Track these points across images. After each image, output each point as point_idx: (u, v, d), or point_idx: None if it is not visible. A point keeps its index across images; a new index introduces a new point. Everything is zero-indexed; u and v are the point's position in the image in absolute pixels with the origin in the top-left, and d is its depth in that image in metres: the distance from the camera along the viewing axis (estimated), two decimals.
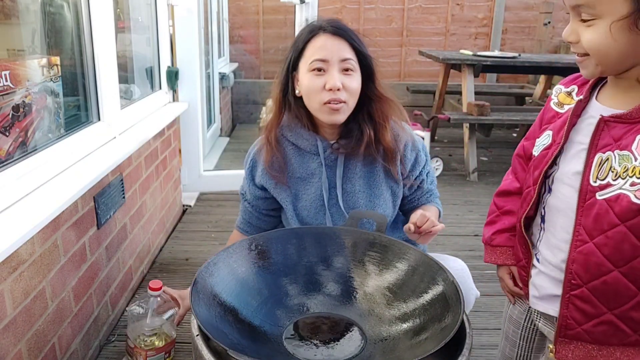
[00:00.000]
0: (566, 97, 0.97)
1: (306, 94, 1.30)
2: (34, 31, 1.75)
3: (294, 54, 1.33)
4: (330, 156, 1.36)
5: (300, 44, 1.31)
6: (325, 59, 1.26)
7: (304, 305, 1.03)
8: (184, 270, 2.38)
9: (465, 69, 4.05)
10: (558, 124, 0.95)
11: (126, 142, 2.05)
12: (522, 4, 5.88)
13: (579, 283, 0.90)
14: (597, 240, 0.86)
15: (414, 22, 5.89)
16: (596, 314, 0.90)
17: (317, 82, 1.26)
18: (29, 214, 1.34)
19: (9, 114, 1.41)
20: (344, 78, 1.26)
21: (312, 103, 1.30)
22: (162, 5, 2.77)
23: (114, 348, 1.85)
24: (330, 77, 1.25)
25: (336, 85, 1.24)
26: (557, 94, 0.99)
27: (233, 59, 5.84)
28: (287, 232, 1.15)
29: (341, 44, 1.27)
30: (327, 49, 1.26)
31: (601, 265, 0.86)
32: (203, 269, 0.95)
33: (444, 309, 0.90)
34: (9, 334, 1.28)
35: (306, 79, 1.29)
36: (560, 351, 0.95)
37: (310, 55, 1.28)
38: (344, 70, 1.27)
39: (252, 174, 1.45)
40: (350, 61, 1.27)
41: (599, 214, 0.85)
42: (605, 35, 0.80)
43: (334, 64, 1.26)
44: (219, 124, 4.91)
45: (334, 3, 5.77)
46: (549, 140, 0.96)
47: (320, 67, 1.26)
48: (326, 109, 1.27)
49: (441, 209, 1.48)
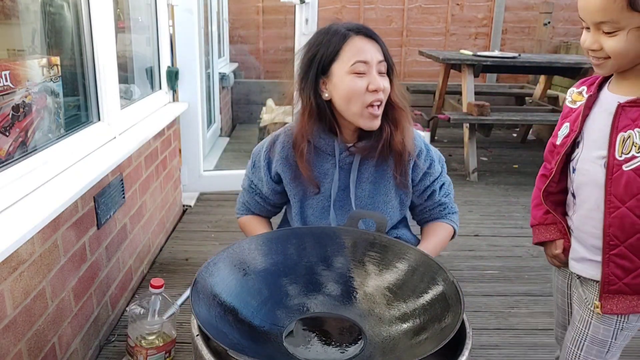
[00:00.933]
0: (578, 95, 1.16)
1: (346, 96, 1.27)
2: (34, 31, 1.75)
3: (325, 58, 1.28)
4: (345, 159, 1.35)
5: (335, 47, 1.27)
6: (367, 60, 1.25)
7: (304, 305, 1.03)
8: (184, 270, 2.38)
9: (465, 69, 4.05)
10: (573, 117, 1.14)
11: (126, 142, 2.05)
12: (522, 4, 5.88)
13: (617, 243, 1.05)
14: (629, 204, 1.02)
15: (414, 22, 5.89)
16: (634, 267, 1.06)
17: (360, 83, 1.25)
18: (29, 214, 1.34)
19: (9, 114, 1.41)
20: (382, 79, 1.27)
21: (352, 106, 1.27)
22: (162, 5, 2.77)
23: (114, 348, 1.85)
24: (374, 78, 1.25)
25: (381, 85, 1.25)
26: (571, 94, 1.19)
27: (233, 59, 5.84)
28: (287, 232, 1.15)
29: (375, 46, 1.28)
30: (367, 51, 1.26)
31: (635, 224, 1.03)
32: (203, 269, 0.95)
33: (444, 309, 0.90)
34: (9, 334, 1.28)
35: (347, 81, 1.26)
36: (606, 306, 1.09)
37: (350, 57, 1.26)
38: (380, 72, 1.27)
39: (268, 167, 1.41)
40: (384, 63, 1.28)
41: (628, 182, 1.01)
42: (626, 42, 0.99)
43: (374, 66, 1.26)
44: (219, 124, 4.91)
45: (334, 3, 5.77)
46: (567, 130, 1.15)
47: (362, 69, 1.25)
48: (367, 113, 1.26)
49: (456, 226, 1.45)
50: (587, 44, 1.04)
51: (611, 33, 0.99)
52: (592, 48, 1.03)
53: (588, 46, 1.04)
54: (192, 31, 3.02)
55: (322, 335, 0.96)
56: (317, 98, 1.31)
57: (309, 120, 1.32)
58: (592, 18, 1.01)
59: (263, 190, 1.45)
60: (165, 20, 2.84)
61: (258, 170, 1.43)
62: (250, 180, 1.47)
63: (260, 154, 1.42)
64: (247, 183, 1.49)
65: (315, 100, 1.31)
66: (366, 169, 1.36)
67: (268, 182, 1.42)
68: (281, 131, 1.41)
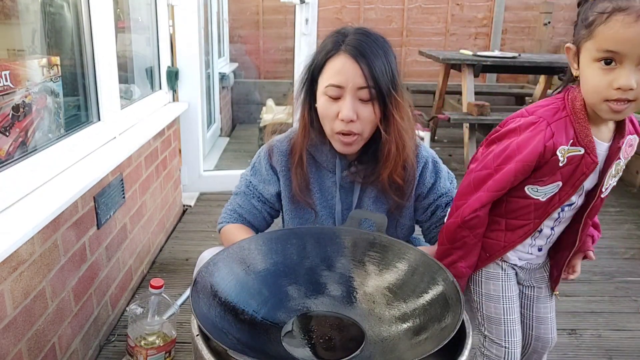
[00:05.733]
0: (567, 152, 1.04)
1: (320, 117, 1.22)
2: (34, 31, 1.75)
3: (316, 69, 1.21)
4: (346, 178, 1.29)
5: (322, 60, 1.19)
6: (341, 85, 1.14)
7: (303, 305, 1.03)
8: (184, 270, 2.38)
9: (465, 69, 4.05)
10: (566, 175, 1.06)
11: (126, 142, 2.05)
12: (522, 4, 5.88)
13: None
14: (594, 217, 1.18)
15: (414, 22, 5.89)
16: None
17: (331, 109, 1.16)
18: (29, 214, 1.34)
19: (9, 114, 1.41)
20: (359, 107, 1.15)
21: (325, 128, 1.22)
22: (162, 5, 2.78)
23: (114, 348, 1.85)
24: (345, 106, 1.14)
25: (349, 116, 1.13)
26: (563, 154, 1.04)
27: (233, 59, 5.84)
28: (287, 232, 1.15)
29: (357, 69, 1.13)
30: (344, 74, 1.14)
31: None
32: (203, 269, 0.95)
33: (444, 309, 0.90)
34: (9, 334, 1.28)
35: (321, 102, 1.19)
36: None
37: (327, 78, 1.17)
38: (361, 99, 1.15)
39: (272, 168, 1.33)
40: (367, 90, 1.14)
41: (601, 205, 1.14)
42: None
43: (350, 92, 1.14)
44: (219, 124, 4.91)
45: (334, 3, 5.77)
46: (558, 188, 1.08)
47: (335, 94, 1.15)
48: (337, 139, 1.20)
49: None
50: (625, 83, 0.91)
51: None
52: (633, 87, 0.91)
53: (628, 86, 0.91)
54: (192, 31, 3.02)
55: (322, 335, 0.96)
56: (310, 110, 1.25)
57: (304, 132, 1.26)
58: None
59: (264, 192, 1.35)
60: (165, 20, 2.84)
61: (259, 169, 1.35)
62: (249, 181, 1.36)
63: (260, 155, 1.35)
64: (244, 185, 1.38)
65: (309, 113, 1.26)
66: (369, 191, 1.30)
67: (273, 180, 1.33)
68: (283, 136, 1.34)
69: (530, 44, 5.94)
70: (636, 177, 3.76)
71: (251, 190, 1.36)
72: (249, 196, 1.37)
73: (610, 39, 0.90)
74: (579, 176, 1.05)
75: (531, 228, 1.12)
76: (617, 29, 0.89)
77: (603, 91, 0.95)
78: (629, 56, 0.90)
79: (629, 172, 3.84)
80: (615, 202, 3.42)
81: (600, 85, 0.95)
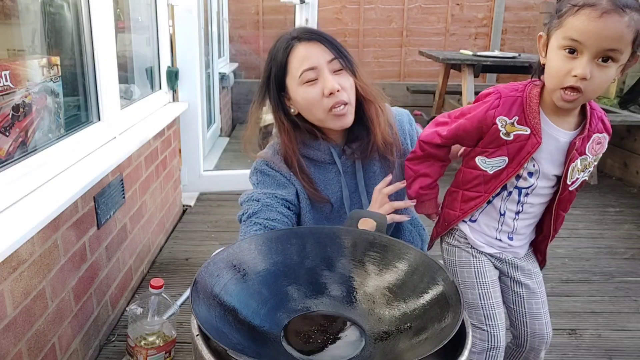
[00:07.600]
0: (511, 126, 1.15)
1: (306, 108, 1.25)
2: (34, 31, 1.75)
3: (277, 74, 1.26)
4: (346, 162, 1.33)
5: (281, 61, 1.24)
6: (313, 66, 1.21)
7: (303, 305, 1.03)
8: (184, 270, 2.38)
9: (465, 69, 4.05)
10: (512, 152, 1.15)
11: (126, 142, 2.05)
12: (522, 4, 5.88)
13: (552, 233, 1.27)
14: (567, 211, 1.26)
15: (414, 22, 5.89)
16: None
17: (314, 91, 1.22)
18: (29, 214, 1.34)
19: (9, 114, 1.41)
20: (337, 78, 1.22)
21: (315, 114, 1.25)
22: (162, 5, 2.78)
23: (114, 348, 1.85)
24: (326, 81, 1.21)
25: (335, 87, 1.20)
26: (504, 125, 1.15)
27: (233, 59, 5.85)
28: (287, 232, 1.15)
29: (320, 47, 1.23)
30: (312, 56, 1.21)
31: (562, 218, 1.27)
32: (203, 269, 0.95)
33: (444, 309, 0.90)
34: (9, 334, 1.28)
35: (300, 93, 1.23)
36: None
37: (297, 68, 1.22)
38: (335, 71, 1.23)
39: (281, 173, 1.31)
40: (336, 60, 1.23)
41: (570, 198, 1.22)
42: (612, 75, 1.01)
43: (324, 68, 1.21)
44: (219, 124, 4.91)
45: (334, 3, 5.77)
46: (504, 163, 1.17)
47: (312, 76, 1.21)
48: (331, 116, 1.23)
49: None
50: (581, 71, 0.99)
51: (606, 64, 0.99)
52: (586, 77, 1.00)
53: (583, 74, 0.99)
54: (192, 31, 3.02)
55: (322, 335, 0.96)
56: (288, 115, 1.29)
57: (289, 137, 1.29)
58: (602, 44, 0.97)
59: (287, 196, 1.28)
60: (165, 20, 2.84)
61: (268, 178, 1.30)
62: (266, 193, 1.27)
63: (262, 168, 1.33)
64: (261, 201, 1.26)
65: (287, 118, 1.29)
66: (372, 166, 1.34)
67: (288, 183, 1.30)
68: (269, 154, 1.33)
69: (530, 44, 5.93)
70: (636, 177, 3.76)
71: (273, 200, 1.27)
72: (272, 207, 1.26)
73: (576, 29, 0.99)
74: (524, 155, 1.14)
75: (482, 200, 1.22)
76: (582, 20, 0.98)
77: (562, 77, 1.03)
78: (589, 48, 0.98)
79: (629, 172, 3.84)
80: (615, 202, 3.42)
81: (561, 71, 1.03)
